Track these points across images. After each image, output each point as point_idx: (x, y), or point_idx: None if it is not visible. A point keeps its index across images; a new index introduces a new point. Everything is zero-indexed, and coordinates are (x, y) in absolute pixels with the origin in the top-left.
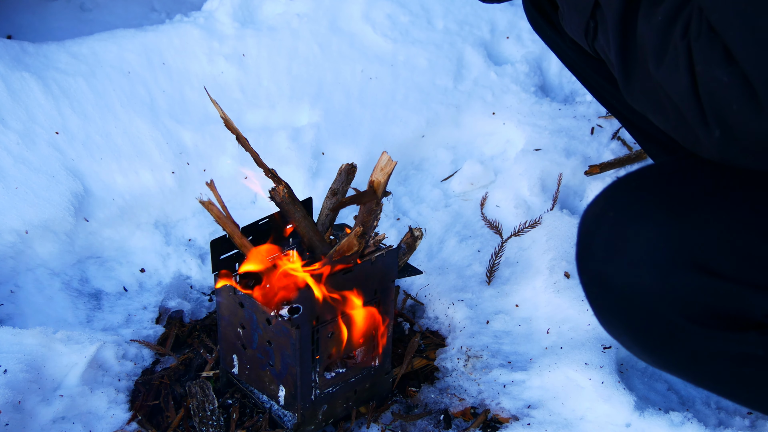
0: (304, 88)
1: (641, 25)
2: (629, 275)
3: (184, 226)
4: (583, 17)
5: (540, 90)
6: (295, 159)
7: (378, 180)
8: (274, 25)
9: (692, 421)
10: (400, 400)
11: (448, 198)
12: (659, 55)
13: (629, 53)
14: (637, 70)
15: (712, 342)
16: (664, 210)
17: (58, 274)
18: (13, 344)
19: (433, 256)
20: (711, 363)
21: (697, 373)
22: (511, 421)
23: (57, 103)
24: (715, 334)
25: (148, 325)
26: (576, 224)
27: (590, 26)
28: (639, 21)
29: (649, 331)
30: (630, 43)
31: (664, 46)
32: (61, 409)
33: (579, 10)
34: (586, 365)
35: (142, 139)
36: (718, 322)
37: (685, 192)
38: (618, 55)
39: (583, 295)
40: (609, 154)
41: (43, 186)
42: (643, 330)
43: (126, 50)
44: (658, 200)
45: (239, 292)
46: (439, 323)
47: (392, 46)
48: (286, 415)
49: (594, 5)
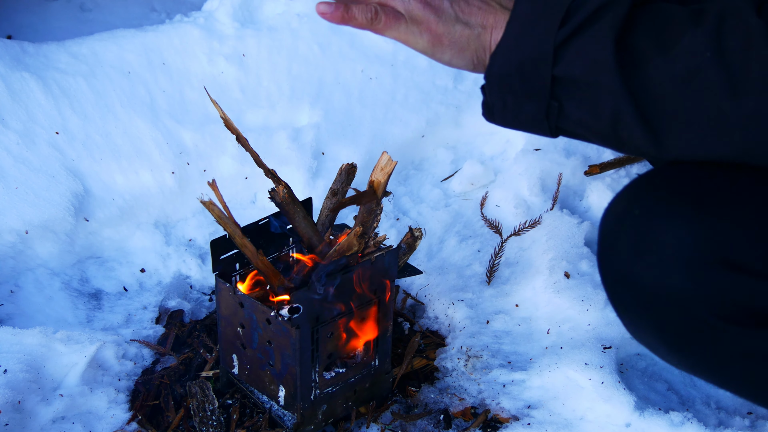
0: (304, 88)
1: (663, 72)
2: (658, 274)
3: (184, 226)
4: (541, 101)
5: None
6: (295, 159)
7: (378, 180)
8: (274, 25)
9: (692, 421)
10: (400, 400)
11: (448, 198)
12: (731, 83)
13: (653, 110)
14: (673, 124)
15: (746, 340)
16: (691, 206)
17: (58, 274)
18: (13, 344)
19: (433, 256)
20: (743, 362)
21: (728, 374)
22: (511, 421)
23: (57, 103)
24: (748, 332)
25: (148, 325)
26: (576, 224)
27: (552, 107)
28: (654, 72)
29: (678, 331)
30: (649, 101)
31: (728, 68)
32: (61, 409)
33: (533, 95)
34: (586, 365)
35: (142, 139)
36: (750, 320)
37: (713, 187)
38: (639, 120)
39: (583, 295)
40: (609, 154)
41: (43, 186)
42: (672, 330)
43: (126, 50)
44: (685, 196)
45: (239, 292)
46: (439, 323)
47: (392, 46)
48: (286, 415)
49: (551, 84)
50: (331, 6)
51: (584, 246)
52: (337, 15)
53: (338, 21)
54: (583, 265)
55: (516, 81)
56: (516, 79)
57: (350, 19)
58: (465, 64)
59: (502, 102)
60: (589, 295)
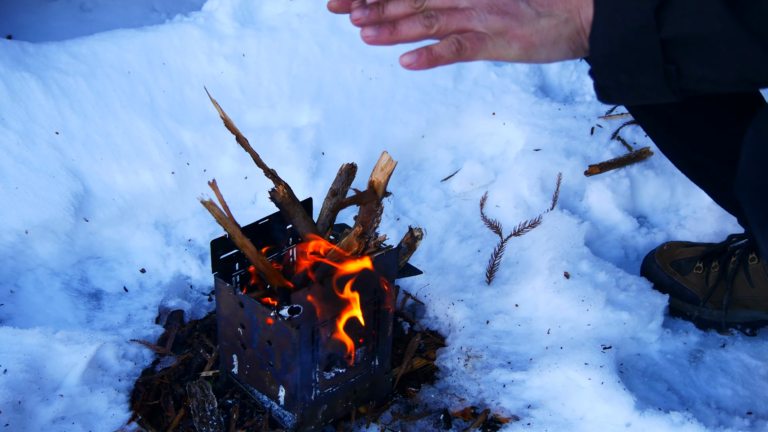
0: (304, 88)
1: None
2: None
3: (184, 226)
4: (657, 69)
5: (540, 90)
6: (295, 159)
7: (378, 180)
8: (274, 25)
9: (692, 421)
10: (400, 400)
11: (448, 198)
12: None
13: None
14: None
15: None
16: None
17: (58, 274)
18: (13, 344)
19: (433, 256)
20: None
21: None
22: (511, 421)
23: (57, 103)
24: None
25: (148, 325)
26: (576, 224)
27: (670, 72)
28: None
29: None
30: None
31: None
32: (61, 409)
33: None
34: (586, 365)
35: (142, 139)
36: None
37: None
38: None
39: (583, 295)
40: (609, 154)
41: (43, 186)
42: None
43: (126, 50)
44: None
45: (239, 291)
46: (439, 323)
47: (392, 46)
48: (286, 415)
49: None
50: (414, 54)
51: (584, 246)
52: (423, 61)
53: (426, 66)
54: (583, 265)
55: (624, 57)
56: (623, 55)
57: (437, 59)
58: (564, 55)
59: (615, 82)
60: (589, 295)
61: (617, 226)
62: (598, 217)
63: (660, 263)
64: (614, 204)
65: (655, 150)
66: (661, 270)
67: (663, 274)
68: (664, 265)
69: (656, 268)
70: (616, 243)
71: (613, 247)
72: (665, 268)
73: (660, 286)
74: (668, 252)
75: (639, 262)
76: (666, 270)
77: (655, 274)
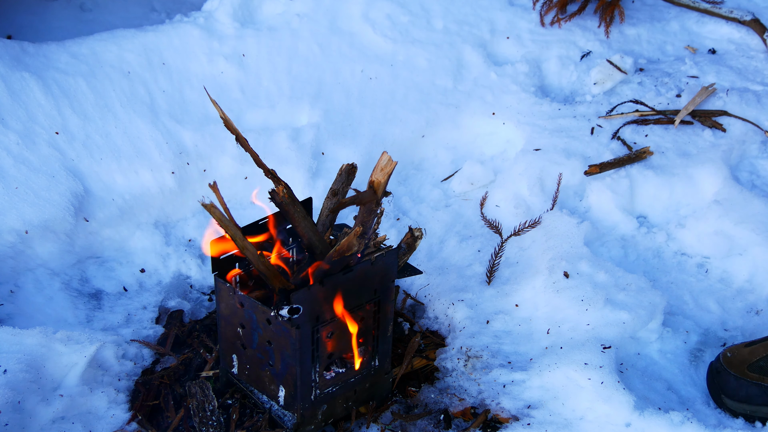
0: (304, 88)
1: None
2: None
3: (184, 226)
4: None
5: (540, 90)
6: (295, 159)
7: (378, 180)
8: (274, 25)
9: (692, 421)
10: (400, 400)
11: (448, 198)
12: None
13: None
14: None
15: None
16: None
17: (58, 274)
18: (13, 344)
19: (433, 256)
20: None
21: None
22: (511, 421)
23: (57, 103)
24: None
25: (148, 325)
26: (575, 224)
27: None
28: None
29: None
30: None
31: None
32: (60, 409)
33: None
34: (585, 365)
35: (142, 139)
36: None
37: None
38: None
39: (582, 295)
40: (609, 154)
41: (43, 186)
42: None
43: (126, 50)
44: None
45: (239, 292)
46: (439, 323)
47: (392, 46)
48: (286, 415)
49: None
50: None
51: (584, 246)
52: None
53: None
54: (583, 265)
55: None
56: None
57: None
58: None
59: None
60: (588, 295)
61: (617, 226)
62: (598, 217)
63: (737, 373)
64: (614, 204)
65: (655, 150)
66: (743, 379)
67: (748, 383)
68: (742, 374)
69: (735, 379)
70: (615, 243)
71: (613, 247)
72: (747, 376)
73: (747, 399)
74: (737, 358)
75: (639, 262)
76: (749, 377)
77: (738, 387)
